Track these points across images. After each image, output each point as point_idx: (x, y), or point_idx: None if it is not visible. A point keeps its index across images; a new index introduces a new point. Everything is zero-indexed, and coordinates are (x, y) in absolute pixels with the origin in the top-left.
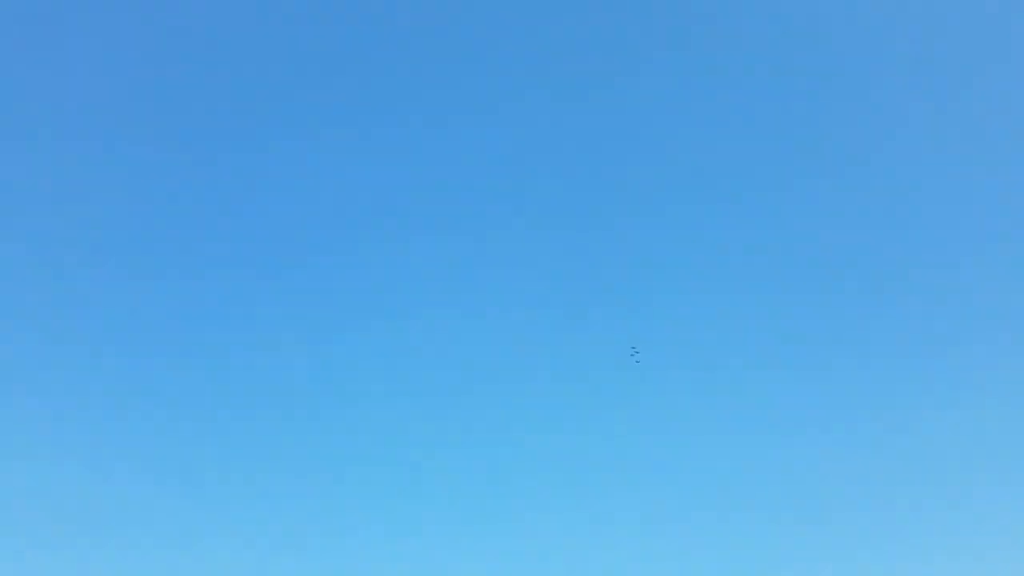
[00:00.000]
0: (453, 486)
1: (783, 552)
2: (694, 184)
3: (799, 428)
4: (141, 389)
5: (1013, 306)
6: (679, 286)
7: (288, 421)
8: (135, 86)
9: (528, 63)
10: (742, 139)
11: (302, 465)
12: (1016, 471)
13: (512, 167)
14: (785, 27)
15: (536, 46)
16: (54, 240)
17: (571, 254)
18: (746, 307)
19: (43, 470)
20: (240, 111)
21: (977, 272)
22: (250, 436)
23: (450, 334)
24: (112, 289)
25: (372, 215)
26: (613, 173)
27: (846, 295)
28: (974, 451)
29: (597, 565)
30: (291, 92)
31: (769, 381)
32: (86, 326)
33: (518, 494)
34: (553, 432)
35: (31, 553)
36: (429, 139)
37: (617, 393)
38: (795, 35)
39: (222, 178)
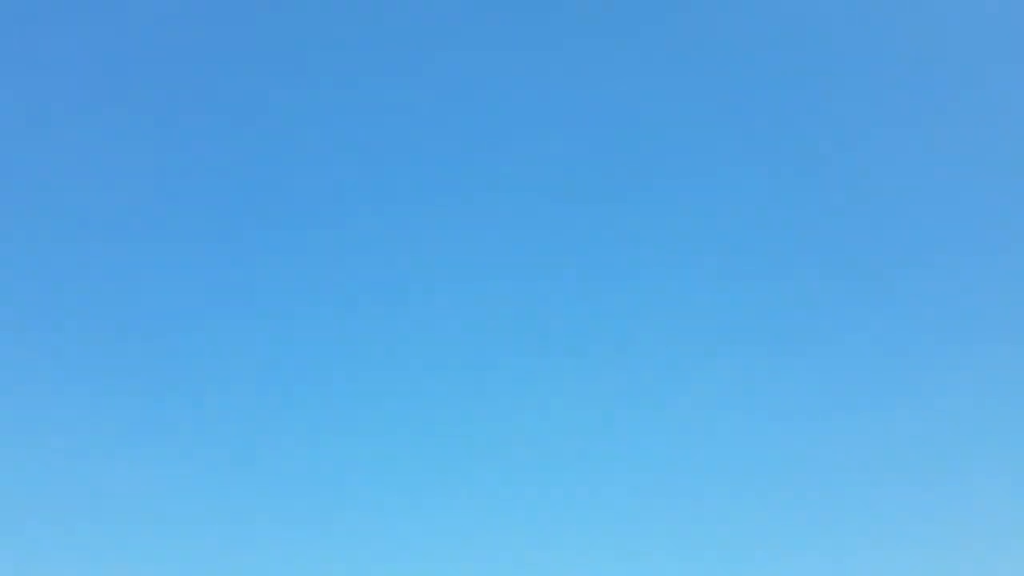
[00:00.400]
0: (447, 479)
1: (781, 545)
2: (688, 172)
3: (797, 420)
4: (141, 385)
5: (1014, 301)
6: (673, 276)
7: (287, 418)
8: (128, 81)
9: (524, 51)
10: (740, 130)
11: (301, 462)
12: (1019, 467)
13: (507, 156)
14: (785, 23)
15: (532, 32)
16: (53, 235)
17: (564, 244)
18: (745, 298)
19: (43, 467)
20: (232, 100)
21: (976, 267)
22: (250, 431)
23: (442, 324)
24: (111, 284)
25: (366, 205)
26: (605, 161)
27: (844, 287)
28: (975, 444)
29: (594, 558)
30: (284, 78)
31: (767, 373)
32: (85, 321)
33: (513, 487)
34: (548, 425)
35: (33, 551)
36: (419, 129)
37: (611, 383)
38: (794, 32)
39: (216, 168)
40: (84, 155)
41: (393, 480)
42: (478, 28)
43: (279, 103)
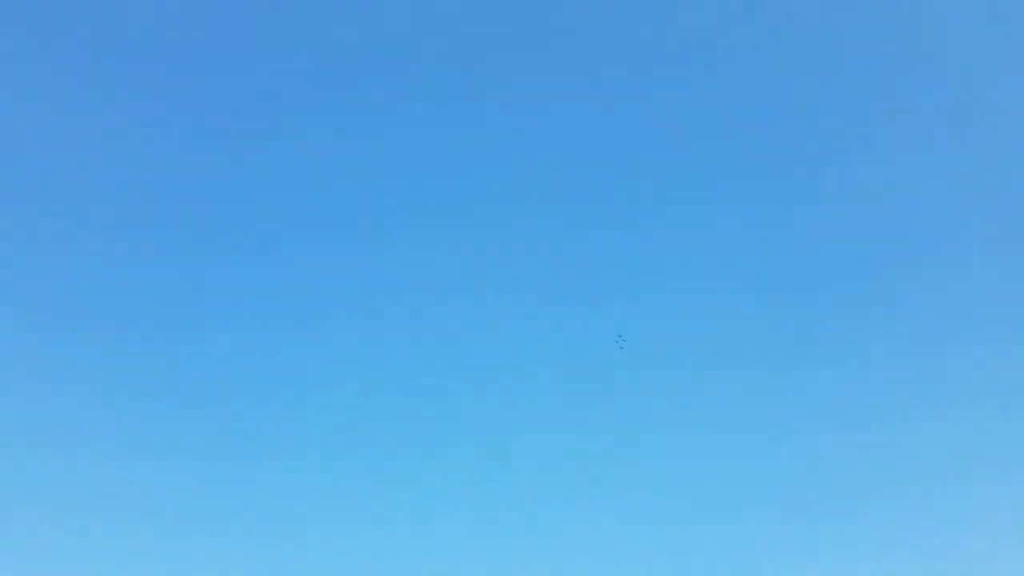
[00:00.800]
0: (444, 482)
1: (778, 552)
2: (690, 180)
3: (796, 427)
4: (141, 386)
5: (1014, 307)
6: (672, 284)
7: (288, 419)
8: (124, 81)
9: (528, 58)
10: (740, 137)
11: (301, 463)
12: (1017, 473)
13: (505, 162)
14: (784, 28)
15: (538, 41)
16: (50, 237)
17: (564, 250)
18: (743, 305)
19: (43, 467)
20: (231, 104)
21: (977, 273)
22: (250, 432)
23: (441, 329)
24: (110, 285)
25: (367, 210)
26: (607, 168)
27: (843, 294)
28: (975, 453)
29: (590, 562)
30: (283, 85)
31: (766, 380)
32: (81, 321)
33: (510, 490)
34: (546, 428)
35: (34, 550)
36: (420, 134)
37: (611, 390)
38: (793, 37)
39: (215, 173)
40: (89, 159)
41: (394, 482)
42: (482, 37)
43: (283, 109)
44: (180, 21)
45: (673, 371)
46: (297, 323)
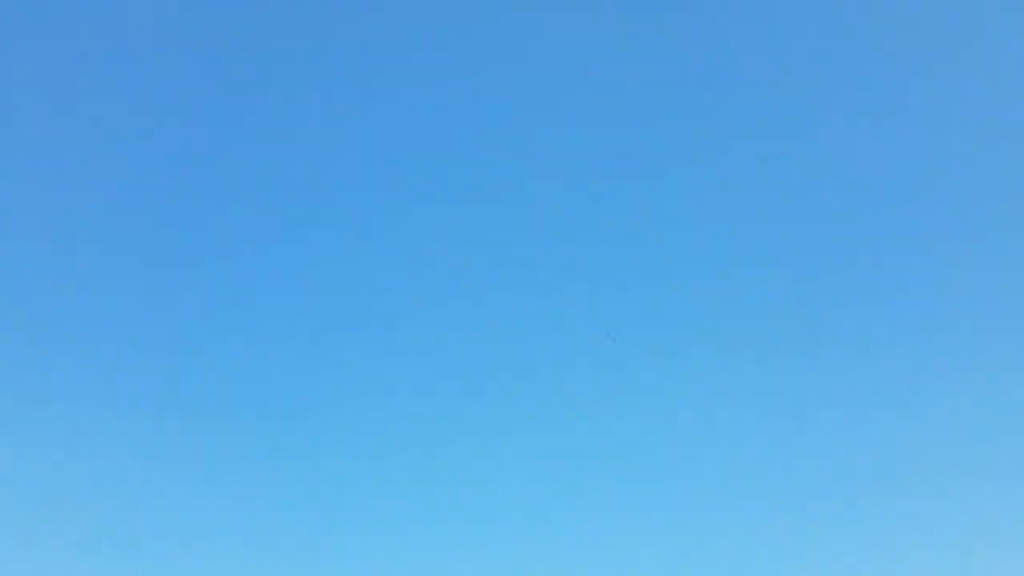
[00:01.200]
0: (446, 483)
1: (777, 549)
2: (683, 171)
3: (794, 421)
4: (143, 389)
5: (1014, 302)
6: (677, 281)
7: (293, 421)
8: (126, 81)
9: (528, 56)
10: (742, 128)
11: (306, 465)
12: (1018, 469)
13: (502, 160)
14: (788, 24)
15: (537, 38)
16: (52, 239)
17: (565, 243)
18: (741, 297)
19: (44, 471)
20: (232, 103)
21: (977, 266)
22: (254, 436)
23: (436, 328)
24: (112, 288)
25: (366, 210)
26: (601, 160)
27: (843, 286)
28: (980, 447)
29: (589, 562)
30: (284, 84)
31: (764, 373)
32: (83, 325)
33: (508, 490)
34: (546, 428)
35: (35, 553)
36: (417, 133)
37: (612, 388)
38: (790, 34)
39: (217, 173)
40: (92, 160)
41: (395, 483)
42: (479, 34)
43: (284, 105)
44: (179, 19)
45: (676, 369)
46: (296, 323)
